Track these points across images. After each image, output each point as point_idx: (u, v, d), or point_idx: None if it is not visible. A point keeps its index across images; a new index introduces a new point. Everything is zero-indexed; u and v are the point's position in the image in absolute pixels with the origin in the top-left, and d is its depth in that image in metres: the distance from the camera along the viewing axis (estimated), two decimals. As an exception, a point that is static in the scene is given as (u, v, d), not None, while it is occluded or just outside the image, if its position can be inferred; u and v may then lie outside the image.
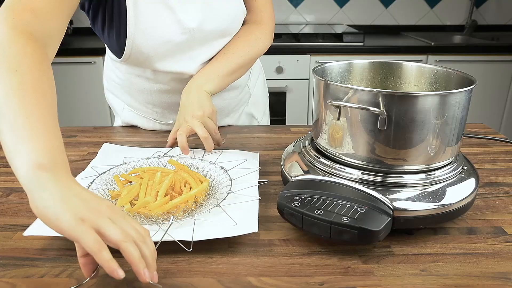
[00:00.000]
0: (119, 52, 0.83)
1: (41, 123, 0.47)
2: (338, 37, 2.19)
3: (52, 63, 0.59)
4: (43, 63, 0.53)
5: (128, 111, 1.00)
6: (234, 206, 0.60)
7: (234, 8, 0.88)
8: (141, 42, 0.80)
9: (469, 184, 0.58)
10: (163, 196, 0.58)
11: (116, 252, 0.42)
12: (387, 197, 0.53)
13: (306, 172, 0.61)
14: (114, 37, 0.81)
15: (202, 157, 0.76)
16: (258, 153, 0.78)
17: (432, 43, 2.18)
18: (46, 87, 0.51)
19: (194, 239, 0.52)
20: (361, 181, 0.57)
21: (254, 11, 0.93)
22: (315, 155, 0.63)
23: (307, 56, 2.13)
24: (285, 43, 2.14)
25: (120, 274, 0.41)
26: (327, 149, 0.61)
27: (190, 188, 0.61)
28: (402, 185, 0.55)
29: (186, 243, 0.52)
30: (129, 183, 0.64)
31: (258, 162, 0.74)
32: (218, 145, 0.82)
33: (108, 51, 0.93)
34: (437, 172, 0.57)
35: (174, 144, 0.80)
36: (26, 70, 0.50)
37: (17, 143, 0.45)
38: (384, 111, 0.52)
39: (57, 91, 0.55)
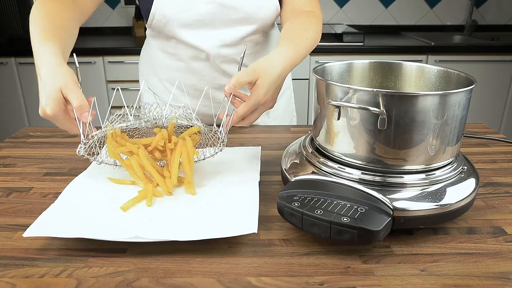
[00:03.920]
0: (147, 14, 0.88)
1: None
2: (338, 37, 2.19)
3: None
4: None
5: (145, 98, 1.05)
6: (233, 205, 0.60)
7: None
8: (165, 4, 0.85)
9: (469, 184, 0.58)
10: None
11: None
12: (387, 197, 0.53)
13: (306, 172, 0.61)
14: None
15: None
16: (260, 147, 0.81)
17: (432, 43, 2.18)
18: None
19: (193, 239, 0.52)
20: (361, 181, 0.57)
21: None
22: (315, 155, 0.63)
23: (307, 56, 2.13)
24: (285, 43, 2.13)
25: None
26: (327, 149, 0.61)
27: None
28: (402, 185, 0.55)
29: None
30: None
31: (260, 155, 0.78)
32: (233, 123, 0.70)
33: (147, 31, 0.98)
34: (437, 172, 0.57)
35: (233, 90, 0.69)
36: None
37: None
38: (384, 111, 0.52)
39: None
